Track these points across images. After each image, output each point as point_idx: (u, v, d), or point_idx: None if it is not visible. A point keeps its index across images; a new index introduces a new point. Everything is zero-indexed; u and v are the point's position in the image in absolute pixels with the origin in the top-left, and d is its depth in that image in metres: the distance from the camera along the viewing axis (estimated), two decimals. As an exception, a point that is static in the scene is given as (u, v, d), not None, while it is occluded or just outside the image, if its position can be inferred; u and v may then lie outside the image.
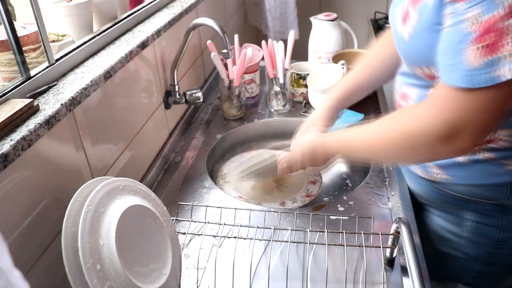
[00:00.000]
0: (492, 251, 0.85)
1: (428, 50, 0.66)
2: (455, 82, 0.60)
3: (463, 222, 0.85)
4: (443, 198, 0.85)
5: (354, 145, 0.80)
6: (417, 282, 0.66)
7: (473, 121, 0.61)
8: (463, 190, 0.81)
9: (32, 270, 0.64)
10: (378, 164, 1.05)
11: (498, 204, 0.79)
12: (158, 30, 1.02)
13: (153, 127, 1.06)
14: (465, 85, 0.59)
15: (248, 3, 2.19)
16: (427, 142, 0.65)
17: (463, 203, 0.83)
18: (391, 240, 0.75)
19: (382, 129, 0.73)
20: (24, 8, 1.02)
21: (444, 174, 0.82)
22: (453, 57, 0.59)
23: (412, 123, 0.67)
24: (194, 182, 1.03)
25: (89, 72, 0.79)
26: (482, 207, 0.81)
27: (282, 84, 1.28)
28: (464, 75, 0.58)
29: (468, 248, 0.87)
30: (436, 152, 0.66)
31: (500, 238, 0.82)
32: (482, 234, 0.84)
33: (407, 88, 0.82)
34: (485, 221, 0.82)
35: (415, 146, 0.67)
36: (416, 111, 0.68)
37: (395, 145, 0.70)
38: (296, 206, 0.99)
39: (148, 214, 0.70)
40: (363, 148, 0.77)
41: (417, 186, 0.91)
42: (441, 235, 0.90)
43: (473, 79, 0.58)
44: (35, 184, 0.65)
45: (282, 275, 0.76)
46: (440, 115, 0.63)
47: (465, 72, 0.58)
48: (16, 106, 0.63)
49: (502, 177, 0.77)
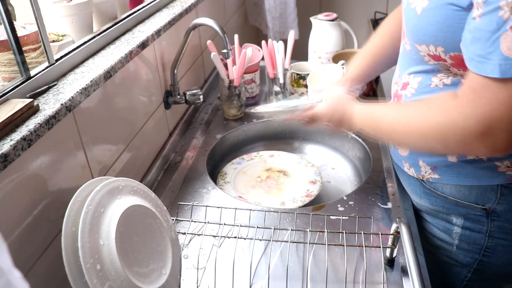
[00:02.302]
0: (481, 258, 0.84)
1: (438, 28, 0.65)
2: (490, 73, 0.57)
3: (452, 228, 0.85)
4: (433, 200, 0.85)
5: (382, 126, 0.77)
6: (417, 282, 0.66)
7: (508, 117, 0.58)
8: (453, 191, 0.81)
9: (32, 270, 0.64)
10: (378, 164, 1.05)
11: (487, 209, 0.79)
12: (158, 30, 1.02)
13: (153, 127, 1.06)
14: (501, 76, 0.56)
15: (248, 3, 2.19)
16: (461, 136, 0.63)
17: (452, 206, 0.82)
18: (391, 240, 0.75)
19: (415, 115, 0.70)
20: (24, 8, 1.02)
21: (433, 173, 0.82)
22: (488, 46, 0.57)
23: (447, 114, 0.65)
24: (194, 182, 1.03)
25: (89, 72, 0.79)
26: (471, 212, 0.80)
27: (282, 84, 1.28)
28: (500, 64, 0.56)
29: (459, 256, 0.87)
30: (470, 148, 0.64)
31: (488, 245, 0.82)
32: (471, 241, 0.83)
33: (408, 77, 0.81)
34: (473, 227, 0.82)
35: (448, 139, 0.65)
36: (451, 102, 0.65)
37: (428, 134, 0.68)
38: (296, 206, 0.99)
39: (148, 214, 0.70)
40: (392, 131, 0.75)
41: (410, 188, 0.91)
42: (433, 243, 0.90)
43: (510, 69, 0.55)
44: (35, 184, 0.65)
45: (282, 275, 0.76)
46: (473, 109, 0.60)
47: (502, 61, 0.56)
48: (16, 106, 0.63)
49: (493, 179, 0.76)
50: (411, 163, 0.85)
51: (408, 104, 0.77)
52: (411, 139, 0.72)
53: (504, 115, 0.58)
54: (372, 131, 0.81)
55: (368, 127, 0.81)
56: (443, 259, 0.90)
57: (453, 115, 0.64)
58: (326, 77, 1.30)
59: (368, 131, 0.82)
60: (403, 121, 0.72)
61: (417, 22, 0.70)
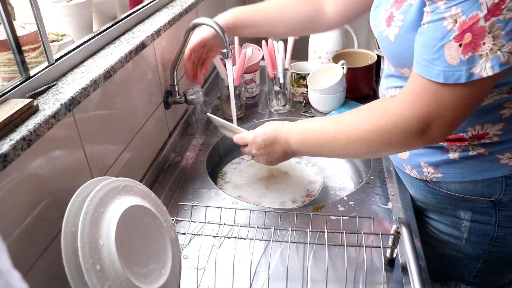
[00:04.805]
0: (491, 249, 0.85)
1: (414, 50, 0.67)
2: (435, 77, 0.61)
3: (460, 222, 0.85)
4: (439, 199, 0.85)
5: (320, 138, 0.78)
6: (417, 283, 0.66)
7: (446, 115, 0.63)
8: (458, 188, 0.81)
9: (32, 270, 0.64)
10: (378, 164, 1.05)
11: (494, 201, 0.80)
12: (158, 30, 1.02)
13: (153, 127, 1.06)
14: (444, 81, 0.61)
15: (248, 3, 2.18)
16: (402, 135, 0.67)
17: (458, 202, 0.83)
18: (391, 240, 0.75)
19: (355, 122, 0.74)
20: (24, 8, 1.02)
21: (436, 173, 0.82)
22: (434, 53, 0.61)
23: (386, 117, 0.69)
24: (194, 182, 1.03)
25: (89, 72, 0.79)
26: (478, 205, 0.81)
27: (282, 84, 1.28)
28: (444, 71, 0.60)
29: (468, 248, 0.87)
30: (409, 144, 0.69)
31: (498, 235, 0.83)
32: (480, 233, 0.84)
33: (394, 91, 0.83)
34: (482, 219, 0.82)
35: (390, 139, 0.69)
36: (388, 104, 0.70)
37: (371, 138, 0.71)
38: (296, 206, 0.99)
39: (148, 214, 0.70)
40: (334, 141, 0.76)
41: (414, 189, 0.91)
42: (440, 238, 0.90)
43: (452, 75, 0.60)
44: (35, 184, 0.65)
45: (282, 275, 0.76)
46: (412, 110, 0.65)
47: (445, 68, 0.60)
48: (16, 106, 0.63)
49: (497, 171, 0.77)
50: (413, 165, 0.86)
51: (341, 114, 0.79)
52: (353, 145, 0.74)
53: (441, 114, 0.63)
54: (311, 145, 0.81)
55: (306, 142, 0.81)
56: (450, 253, 0.90)
57: (393, 117, 0.68)
58: (326, 77, 1.30)
59: (306, 147, 0.82)
60: (342, 129, 0.75)
61: (393, 49, 0.73)
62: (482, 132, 0.76)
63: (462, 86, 0.60)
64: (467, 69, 0.58)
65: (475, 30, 0.56)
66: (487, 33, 0.56)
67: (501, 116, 0.74)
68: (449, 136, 0.69)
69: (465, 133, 0.77)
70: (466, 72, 0.59)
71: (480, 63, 0.58)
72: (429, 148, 0.82)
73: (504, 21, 0.55)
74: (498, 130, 0.75)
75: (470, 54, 0.58)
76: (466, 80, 0.59)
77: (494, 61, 0.57)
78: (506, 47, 0.56)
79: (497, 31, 0.55)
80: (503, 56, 0.56)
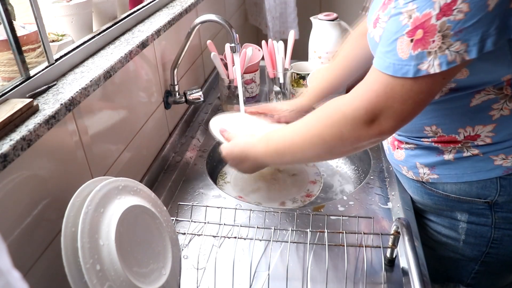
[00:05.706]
0: (489, 250, 0.85)
1: None
2: (385, 69, 0.63)
3: (457, 224, 0.85)
4: (436, 200, 0.85)
5: (284, 153, 0.80)
6: (417, 283, 0.66)
7: (394, 108, 0.64)
8: (454, 189, 0.81)
9: (32, 270, 0.64)
10: (378, 164, 1.05)
11: (489, 202, 0.80)
12: (158, 30, 1.02)
13: (153, 127, 1.06)
14: (393, 73, 0.62)
15: (248, 3, 2.19)
16: (352, 126, 0.68)
17: (455, 203, 0.83)
18: (391, 240, 0.75)
19: (309, 123, 0.76)
20: (24, 8, 1.02)
21: (432, 174, 0.82)
22: (388, 45, 0.63)
23: (337, 110, 0.70)
24: (194, 182, 1.03)
25: (89, 72, 0.79)
26: (474, 207, 0.81)
27: (282, 84, 1.28)
28: (394, 64, 0.62)
29: (466, 250, 0.87)
30: (359, 135, 0.68)
31: (495, 236, 0.83)
32: (477, 234, 0.84)
33: None
34: (478, 221, 0.82)
35: (341, 131, 0.69)
36: (341, 99, 0.71)
37: (325, 135, 0.72)
38: (296, 206, 0.99)
39: (148, 214, 0.70)
40: (294, 145, 0.78)
41: (411, 190, 0.91)
42: (438, 240, 0.90)
43: (401, 69, 0.61)
44: (35, 184, 0.65)
45: (282, 275, 0.76)
46: (361, 101, 0.66)
47: (395, 61, 0.62)
48: (16, 106, 0.63)
49: (491, 172, 0.77)
50: (409, 166, 0.86)
51: (301, 118, 0.80)
52: (310, 146, 0.75)
53: (390, 106, 0.64)
54: (273, 154, 0.83)
55: (269, 153, 0.83)
56: (449, 254, 0.90)
57: (342, 108, 0.69)
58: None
59: (270, 157, 0.84)
60: (299, 132, 0.77)
61: None
62: (474, 134, 0.76)
63: (411, 80, 0.61)
64: (416, 65, 0.60)
65: (427, 28, 0.58)
66: (437, 32, 0.57)
67: (491, 118, 0.74)
68: (399, 129, 0.70)
69: (457, 134, 0.77)
70: (414, 67, 0.60)
71: (428, 60, 0.59)
72: (425, 149, 0.82)
73: (453, 22, 0.56)
74: (489, 132, 0.75)
75: (420, 50, 0.59)
76: (414, 75, 0.60)
77: (442, 59, 0.58)
78: (453, 47, 0.58)
79: (447, 31, 0.57)
80: (450, 55, 0.58)
